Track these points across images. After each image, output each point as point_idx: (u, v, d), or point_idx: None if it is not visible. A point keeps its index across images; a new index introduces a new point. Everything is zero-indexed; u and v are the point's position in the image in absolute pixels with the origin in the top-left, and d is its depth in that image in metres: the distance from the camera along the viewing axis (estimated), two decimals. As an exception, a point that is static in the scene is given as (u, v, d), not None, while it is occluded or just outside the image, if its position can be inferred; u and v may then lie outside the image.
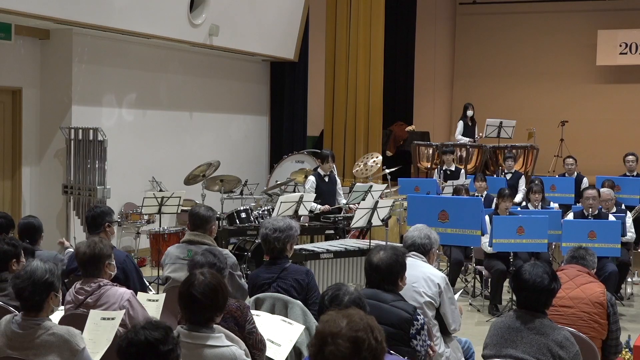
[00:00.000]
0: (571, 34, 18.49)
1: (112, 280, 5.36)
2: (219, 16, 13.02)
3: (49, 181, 11.50)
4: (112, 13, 10.97)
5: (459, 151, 14.44)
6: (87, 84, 11.59)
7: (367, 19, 15.76)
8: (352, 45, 15.83)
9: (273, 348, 4.83)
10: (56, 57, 11.37)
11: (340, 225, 10.47)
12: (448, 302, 5.50)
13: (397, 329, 4.57)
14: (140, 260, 11.36)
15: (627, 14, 17.96)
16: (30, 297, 4.30)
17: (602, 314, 5.29)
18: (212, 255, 5.12)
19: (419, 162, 15.14)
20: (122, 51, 12.16)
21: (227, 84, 14.68)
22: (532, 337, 4.36)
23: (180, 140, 13.43)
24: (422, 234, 5.76)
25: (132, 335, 3.26)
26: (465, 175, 13.00)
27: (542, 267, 4.47)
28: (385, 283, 4.80)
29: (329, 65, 16.12)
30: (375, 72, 15.90)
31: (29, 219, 7.00)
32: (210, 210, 6.87)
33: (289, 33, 15.09)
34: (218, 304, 4.04)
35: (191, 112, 13.78)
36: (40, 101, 11.48)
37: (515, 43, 18.96)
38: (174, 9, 12.11)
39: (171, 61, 13.22)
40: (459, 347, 5.66)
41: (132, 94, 12.47)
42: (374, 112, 15.96)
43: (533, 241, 9.21)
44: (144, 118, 12.73)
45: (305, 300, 5.60)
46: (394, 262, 4.81)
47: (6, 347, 4.28)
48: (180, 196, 10.30)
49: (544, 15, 18.66)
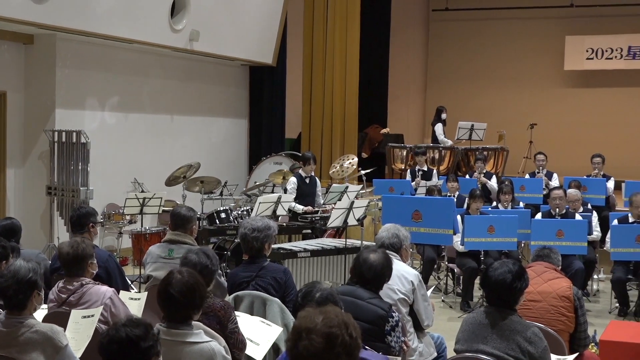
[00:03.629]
0: (540, 40, 18.60)
1: (95, 279, 5.35)
2: (200, 22, 13.00)
3: (33, 183, 11.44)
4: (94, 18, 10.92)
5: (431, 153, 14.50)
6: (71, 87, 11.54)
7: (343, 25, 15.78)
8: (329, 51, 15.84)
9: (252, 347, 4.83)
10: (40, 62, 11.31)
11: (317, 224, 10.49)
12: (421, 299, 5.53)
13: (372, 325, 4.59)
14: (123, 259, 11.31)
15: (594, 20, 18.10)
16: (14, 295, 4.28)
17: (569, 307, 5.33)
18: (205, 256, 5.08)
19: (393, 163, 15.18)
20: (105, 56, 12.12)
21: (207, 88, 14.66)
22: (501, 333, 4.38)
23: (162, 142, 13.39)
24: (390, 234, 5.78)
25: (113, 332, 3.26)
26: (438, 176, 13.06)
27: (508, 267, 4.48)
28: (374, 282, 4.84)
29: (306, 69, 16.13)
30: (350, 77, 15.93)
31: (11, 220, 6.96)
32: (191, 211, 6.86)
33: (267, 38, 15.10)
34: (195, 302, 4.03)
35: (172, 115, 13.75)
36: (25, 104, 11.42)
37: (487, 48, 19.06)
38: (155, 14, 12.08)
39: (152, 66, 13.19)
40: (432, 343, 5.68)
41: (115, 97, 12.43)
42: (349, 115, 15.98)
43: (503, 240, 9.26)
44: (126, 121, 12.69)
45: (283, 297, 5.60)
46: (386, 264, 4.89)
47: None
48: (162, 197, 10.27)
49: (514, 21, 18.77)
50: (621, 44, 17.89)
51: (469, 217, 9.50)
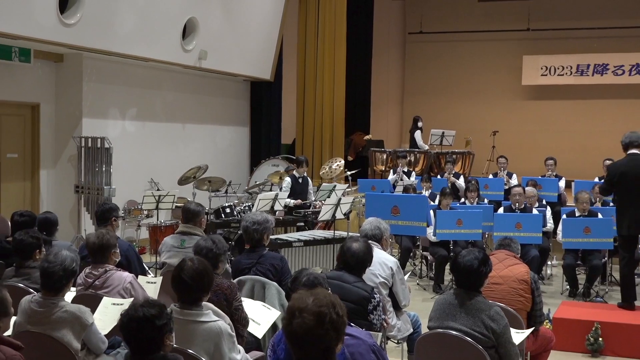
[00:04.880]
0: (501, 59, 18.62)
1: (117, 266, 5.34)
2: (207, 43, 12.99)
3: (63, 182, 11.41)
4: (116, 40, 10.91)
5: (409, 156, 14.51)
6: (95, 99, 11.52)
7: (331, 46, 15.78)
8: (319, 68, 15.84)
9: (254, 325, 4.83)
10: (69, 77, 11.30)
11: (309, 218, 10.48)
12: (399, 282, 5.53)
13: (357, 305, 4.58)
14: (141, 248, 11.27)
15: (547, 42, 18.12)
16: (57, 280, 4.29)
17: (527, 289, 5.34)
18: (211, 241, 5.11)
19: (375, 165, 15.18)
20: (125, 72, 12.10)
21: (214, 100, 14.63)
22: (468, 312, 4.38)
23: (174, 147, 13.37)
24: (372, 226, 5.78)
25: (132, 311, 3.26)
26: (415, 176, 13.07)
27: (474, 254, 4.48)
28: (357, 268, 4.81)
29: (299, 84, 16.12)
30: (338, 90, 15.92)
31: (46, 214, 6.94)
32: (199, 206, 6.86)
33: (266, 57, 15.09)
34: (204, 286, 4.02)
35: (183, 124, 13.72)
36: (55, 114, 11.39)
37: (455, 66, 19.05)
38: (168, 36, 12.07)
39: (166, 81, 13.16)
40: (409, 320, 5.69)
41: (133, 108, 12.40)
42: (337, 123, 15.97)
43: (470, 231, 9.28)
44: (144, 129, 12.66)
45: (280, 281, 5.59)
46: (367, 252, 4.86)
47: (26, 322, 4.26)
48: (175, 195, 10.26)
49: (479, 42, 18.77)
50: (571, 62, 17.92)
51: (440, 211, 9.51)
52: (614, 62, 17.62)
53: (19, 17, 9.26)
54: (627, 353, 6.96)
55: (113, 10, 10.70)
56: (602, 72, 17.76)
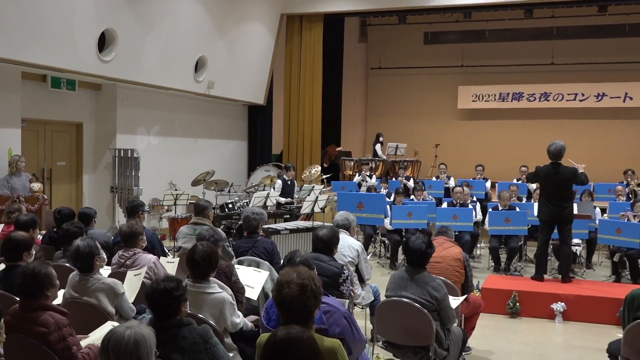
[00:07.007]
0: (442, 88, 18.70)
1: (143, 249, 5.30)
2: (214, 75, 12.96)
3: (101, 184, 11.32)
4: (143, 73, 10.86)
5: (370, 163, 14.55)
6: (127, 120, 11.45)
7: (310, 77, 15.81)
8: (301, 95, 15.86)
9: (248, 290, 4.80)
10: (105, 102, 11.22)
11: (294, 212, 10.48)
12: (363, 261, 5.53)
13: (330, 279, 4.57)
14: (162, 236, 11.21)
15: (477, 76, 18.23)
16: (81, 264, 4.23)
17: (460, 266, 5.36)
18: (212, 230, 5.23)
19: (345, 171, 15.20)
20: (150, 98, 12.04)
21: (219, 120, 14.59)
22: (417, 284, 4.39)
23: (189, 157, 13.30)
24: (342, 217, 5.78)
25: (155, 285, 3.23)
26: (376, 179, 13.10)
27: (422, 239, 4.49)
28: (326, 249, 4.80)
29: (286, 107, 16.12)
30: (315, 112, 15.93)
31: (84, 209, 6.86)
32: (207, 202, 6.86)
33: (260, 87, 15.09)
34: (211, 265, 3.99)
35: (195, 139, 13.67)
36: (95, 131, 11.30)
37: (407, 94, 19.12)
38: (184, 70, 12.03)
39: (182, 105, 13.10)
40: (371, 290, 5.69)
41: (156, 126, 12.33)
42: (315, 137, 15.98)
43: (418, 221, 9.33)
44: (165, 142, 12.60)
45: (271, 261, 5.58)
46: (332, 236, 4.83)
47: (72, 292, 4.22)
48: (189, 194, 10.25)
49: (425, 76, 18.85)
50: (495, 91, 18.05)
51: (395, 206, 9.55)
52: (527, 91, 17.79)
53: (67, 55, 9.21)
54: (538, 314, 7.05)
55: (140, 50, 10.66)
56: (519, 99, 17.91)
